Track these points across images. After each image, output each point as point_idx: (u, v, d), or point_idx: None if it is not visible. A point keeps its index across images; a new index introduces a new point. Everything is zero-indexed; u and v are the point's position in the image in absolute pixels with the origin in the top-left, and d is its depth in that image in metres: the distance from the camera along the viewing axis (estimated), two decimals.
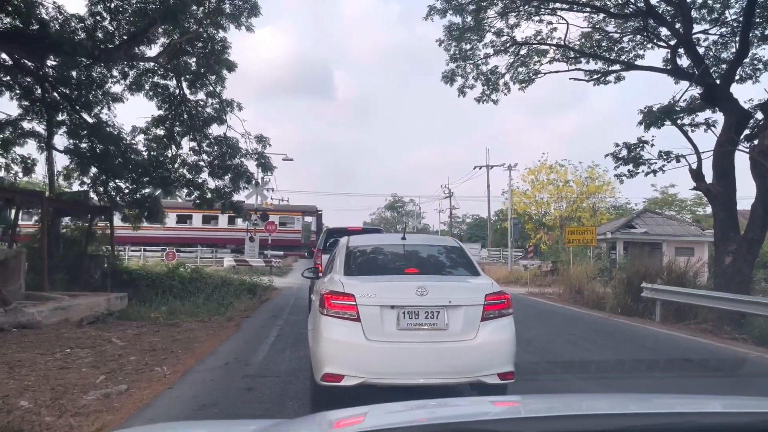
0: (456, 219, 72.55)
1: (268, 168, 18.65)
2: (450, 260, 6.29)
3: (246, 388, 6.54)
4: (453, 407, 2.25)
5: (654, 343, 10.87)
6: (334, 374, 4.98)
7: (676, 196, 44.55)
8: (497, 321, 5.27)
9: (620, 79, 18.47)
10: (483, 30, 17.30)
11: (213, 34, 16.42)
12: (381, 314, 5.08)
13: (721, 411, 1.84)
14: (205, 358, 8.34)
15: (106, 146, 15.47)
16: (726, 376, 8.53)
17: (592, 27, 17.76)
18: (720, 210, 14.21)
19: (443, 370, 5.15)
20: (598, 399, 3.03)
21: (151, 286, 15.45)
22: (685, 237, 27.50)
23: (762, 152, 13.18)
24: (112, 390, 6.29)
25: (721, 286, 13.14)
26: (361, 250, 6.32)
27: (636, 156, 16.00)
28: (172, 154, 17.50)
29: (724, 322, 12.36)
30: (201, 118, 17.24)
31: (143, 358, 8.04)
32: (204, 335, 10.28)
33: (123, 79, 16.45)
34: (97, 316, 11.64)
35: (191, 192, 17.55)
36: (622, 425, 1.59)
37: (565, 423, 1.61)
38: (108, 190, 16.82)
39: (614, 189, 38.05)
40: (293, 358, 8.25)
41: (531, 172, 40.08)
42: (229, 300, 14.79)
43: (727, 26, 16.23)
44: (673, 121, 15.64)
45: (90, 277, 16.04)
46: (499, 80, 18.38)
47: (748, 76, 16.48)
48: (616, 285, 16.79)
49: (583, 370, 8.18)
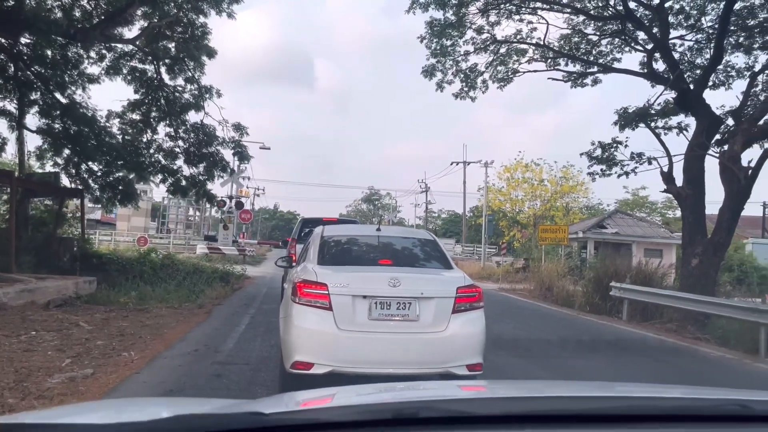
0: (432, 214, 72.89)
1: (245, 157, 18.53)
2: (424, 253, 6.32)
3: (215, 374, 6.52)
4: (421, 390, 2.29)
5: (619, 340, 11.09)
6: (304, 362, 5.01)
7: (646, 198, 45.32)
8: (468, 314, 5.34)
9: (597, 81, 18.72)
10: (464, 26, 17.36)
11: (193, 19, 16.19)
12: (353, 304, 5.11)
13: (680, 396, 1.90)
14: (174, 344, 8.29)
15: (80, 127, 15.18)
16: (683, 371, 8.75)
17: (571, 28, 17.93)
18: (689, 213, 14.51)
19: (413, 360, 5.22)
20: (563, 385, 3.11)
21: (122, 271, 15.22)
22: (654, 239, 28.02)
23: (731, 158, 13.47)
24: (77, 374, 6.24)
25: (687, 288, 13.42)
26: (336, 240, 6.32)
27: (610, 156, 16.28)
28: (148, 139, 17.24)
29: (689, 322, 12.63)
30: (178, 104, 17.00)
31: (111, 343, 7.96)
32: (174, 321, 10.21)
33: (100, 61, 16.15)
34: (65, 300, 11.47)
35: (165, 178, 17.33)
36: (585, 407, 1.64)
37: (530, 404, 1.65)
38: (80, 172, 16.52)
39: (587, 189, 38.65)
40: (263, 347, 8.24)
41: (507, 170, 40.46)
42: (200, 287, 14.66)
43: (703, 33, 16.52)
44: (647, 123, 15.93)
45: (59, 259, 15.76)
46: (477, 78, 18.47)
47: (721, 82, 16.82)
48: (586, 283, 17.04)
49: (547, 363, 8.32)
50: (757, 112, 14.30)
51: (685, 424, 1.56)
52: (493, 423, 1.48)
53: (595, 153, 16.56)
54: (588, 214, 40.65)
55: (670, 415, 1.59)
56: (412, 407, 1.53)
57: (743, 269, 25.65)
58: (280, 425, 1.40)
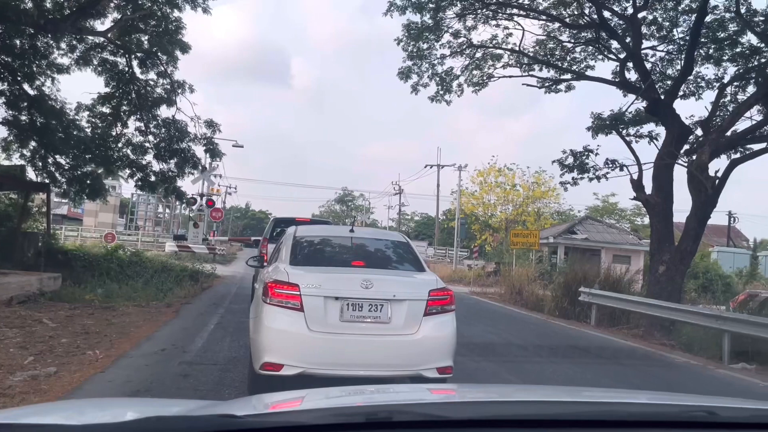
0: (405, 216, 73.05)
1: (217, 154, 18.32)
2: (396, 255, 6.32)
3: (182, 374, 6.42)
4: (391, 393, 2.28)
5: (587, 345, 11.23)
6: (273, 363, 4.96)
7: (616, 205, 46.11)
8: (439, 317, 5.35)
9: (571, 88, 18.97)
10: (441, 30, 17.42)
11: (167, 13, 15.94)
12: (325, 305, 5.08)
13: (647, 402, 1.92)
14: (140, 343, 8.14)
15: (48, 120, 14.86)
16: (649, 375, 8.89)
17: (546, 35, 18.12)
18: (657, 221, 14.75)
19: (384, 362, 5.21)
20: (532, 390, 3.13)
21: (88, 267, 14.91)
22: (623, 245, 28.50)
23: (699, 167, 13.74)
24: (40, 372, 6.09)
25: (654, 294, 13.64)
26: (309, 240, 6.27)
27: (582, 163, 16.49)
28: (117, 133, 16.95)
29: (655, 328, 12.85)
30: (150, 99, 16.75)
31: (75, 341, 7.79)
32: (141, 320, 10.03)
33: (71, 52, 15.82)
34: (29, 296, 11.19)
35: (134, 173, 17.06)
36: (553, 412, 1.64)
37: (498, 408, 1.65)
38: (47, 165, 16.16)
39: (559, 195, 39.14)
40: (232, 347, 8.15)
41: (480, 174, 40.77)
42: (169, 286, 14.45)
43: (675, 44, 16.83)
44: (618, 131, 16.17)
45: (23, 255, 15.37)
46: (453, 81, 18.56)
47: (691, 93, 17.14)
48: (556, 288, 17.21)
49: (516, 367, 8.37)
50: (725, 122, 14.61)
51: (652, 430, 1.57)
52: (464, 427, 1.48)
53: (566, 161, 16.75)
54: (559, 220, 41.16)
55: (637, 420, 1.60)
56: (386, 410, 1.52)
57: (708, 277, 26.19)
58: (253, 428, 1.37)
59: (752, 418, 1.67)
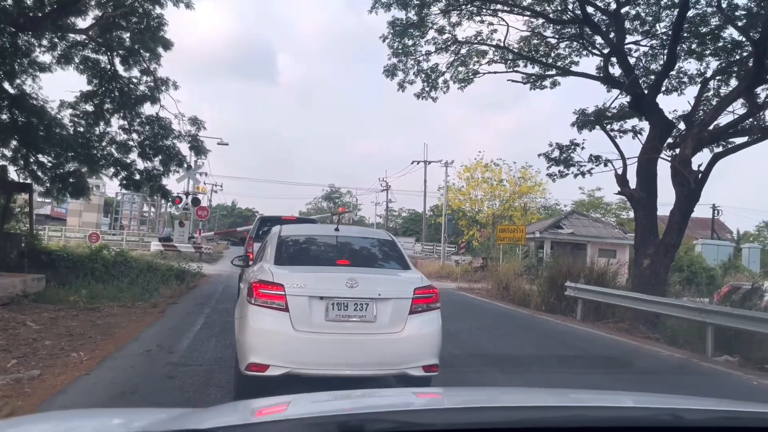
0: (392, 212, 73.08)
1: (202, 151, 18.19)
2: (382, 253, 6.32)
3: (168, 375, 6.38)
4: (377, 398, 2.28)
5: (573, 340, 11.31)
6: (259, 364, 4.95)
7: (602, 200, 46.36)
8: (425, 315, 5.36)
9: (556, 83, 19.02)
10: (426, 26, 17.43)
11: (149, 10, 15.79)
12: (310, 305, 5.07)
13: (610, 405, 1.94)
14: (126, 344, 8.09)
15: (29, 119, 14.67)
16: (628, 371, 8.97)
17: (531, 31, 18.17)
18: (641, 215, 14.87)
19: (370, 361, 5.21)
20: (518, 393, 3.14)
21: (72, 268, 14.75)
22: (608, 239, 28.69)
23: (682, 161, 13.87)
24: (23, 375, 6.02)
25: (639, 287, 13.75)
26: (294, 239, 6.26)
27: (567, 158, 16.59)
28: (100, 132, 16.78)
29: (640, 321, 12.95)
30: (133, 96, 16.59)
31: (59, 343, 7.72)
32: (126, 321, 9.96)
33: (52, 49, 15.62)
34: (12, 298, 11.05)
35: (118, 172, 16.90)
36: (540, 417, 1.65)
37: (485, 414, 1.65)
38: (29, 164, 15.96)
39: (545, 190, 39.34)
40: (218, 347, 8.11)
41: (467, 170, 40.87)
42: (154, 285, 14.35)
43: (658, 39, 16.95)
44: (603, 126, 16.27)
45: (5, 256, 15.17)
46: (438, 78, 18.57)
47: (674, 88, 17.28)
48: (542, 283, 17.29)
49: (501, 363, 8.42)
50: (708, 117, 14.75)
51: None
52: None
53: (552, 154, 16.87)
54: (545, 215, 41.38)
55: (602, 426, 1.61)
56: (358, 420, 1.50)
57: (693, 270, 26.48)
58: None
59: (717, 421, 1.69)
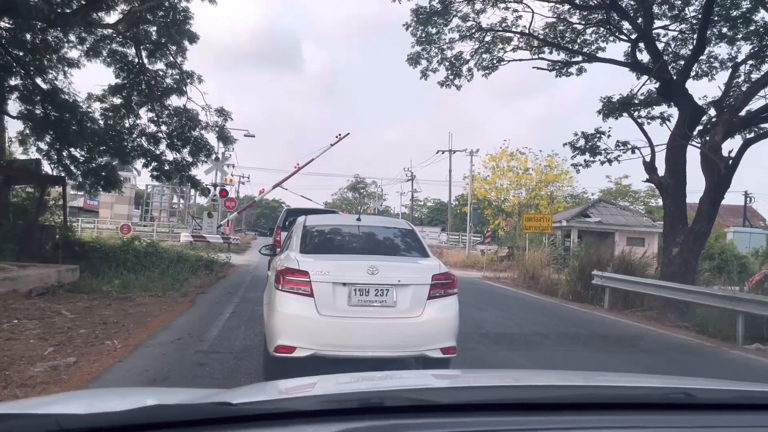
0: (417, 202, 73.04)
1: (229, 141, 18.46)
2: (402, 242, 6.49)
3: (198, 363, 6.53)
4: (398, 379, 2.35)
5: (600, 328, 11.25)
6: (287, 346, 5.19)
7: (629, 188, 45.75)
8: (442, 300, 5.56)
9: (582, 70, 18.71)
10: (450, 14, 17.31)
11: (175, 3, 16.03)
12: (333, 291, 5.29)
13: (622, 385, 1.97)
14: (157, 332, 8.27)
15: (61, 113, 15.02)
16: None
17: (556, 17, 17.93)
18: (670, 202, 14.66)
19: (390, 344, 5.43)
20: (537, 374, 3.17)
21: (104, 259, 15.10)
22: (636, 227, 28.30)
23: (712, 148, 13.62)
24: (60, 362, 6.22)
25: (668, 276, 13.59)
26: (318, 229, 6.42)
27: (593, 146, 16.40)
28: (130, 124, 17.12)
29: (669, 310, 12.82)
30: (160, 89, 16.88)
31: (93, 331, 7.93)
32: (157, 310, 10.19)
33: (80, 44, 15.96)
34: (47, 288, 11.37)
35: (148, 163, 17.22)
36: (553, 395, 1.68)
37: (499, 392, 1.69)
38: (62, 158, 16.35)
39: (572, 178, 38.92)
40: (247, 335, 8.26)
41: (492, 159, 40.63)
42: (184, 276, 14.62)
43: (687, 23, 16.61)
44: (630, 113, 16.04)
45: (41, 248, 15.61)
46: (462, 66, 18.43)
47: (704, 73, 16.93)
48: (569, 272, 17.19)
49: (526, 349, 8.43)
50: (739, 102, 14.44)
51: (631, 413, 1.61)
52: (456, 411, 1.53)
53: (578, 143, 16.67)
54: (572, 203, 40.95)
55: (613, 403, 1.64)
56: (377, 396, 1.57)
57: (724, 258, 25.98)
58: (248, 415, 1.42)
59: (730, 399, 1.71)
